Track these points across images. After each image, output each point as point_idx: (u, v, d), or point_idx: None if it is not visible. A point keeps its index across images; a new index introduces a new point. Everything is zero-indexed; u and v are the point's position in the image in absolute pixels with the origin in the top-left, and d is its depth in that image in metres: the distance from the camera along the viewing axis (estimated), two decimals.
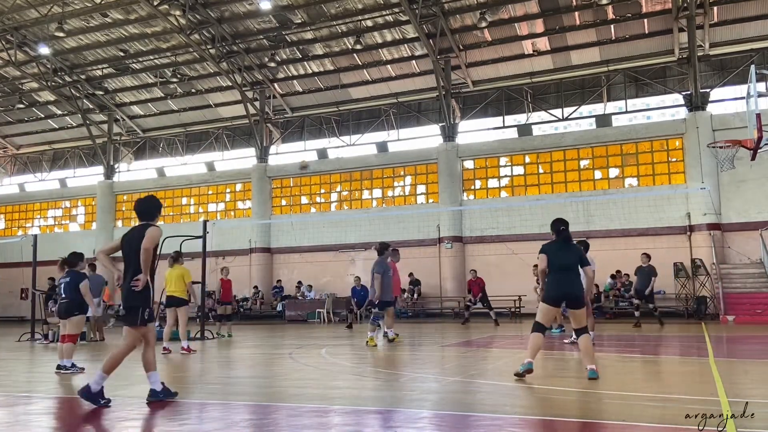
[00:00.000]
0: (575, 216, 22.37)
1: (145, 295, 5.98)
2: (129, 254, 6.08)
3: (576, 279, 7.11)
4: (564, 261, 7.11)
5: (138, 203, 6.33)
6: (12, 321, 29.10)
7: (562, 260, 7.11)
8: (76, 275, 9.08)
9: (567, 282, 7.05)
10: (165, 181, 30.70)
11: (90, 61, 28.54)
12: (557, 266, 7.08)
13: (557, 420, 5.08)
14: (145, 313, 6.00)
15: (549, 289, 7.08)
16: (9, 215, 34.86)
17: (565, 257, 7.15)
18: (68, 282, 9.01)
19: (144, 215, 6.26)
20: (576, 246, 7.39)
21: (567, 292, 7.04)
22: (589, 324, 11.16)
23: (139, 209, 6.30)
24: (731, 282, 19.28)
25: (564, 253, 7.18)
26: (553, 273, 7.08)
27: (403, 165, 26.25)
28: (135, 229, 6.19)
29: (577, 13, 22.92)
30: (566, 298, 7.07)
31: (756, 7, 21.63)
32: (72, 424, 5.51)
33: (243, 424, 5.19)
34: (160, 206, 6.41)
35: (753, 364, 8.85)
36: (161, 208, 6.46)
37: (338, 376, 8.18)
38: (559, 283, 7.04)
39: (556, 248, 7.22)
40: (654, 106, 23.96)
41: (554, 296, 7.05)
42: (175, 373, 9.00)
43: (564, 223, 7.37)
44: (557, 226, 7.35)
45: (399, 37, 24.97)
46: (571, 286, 7.05)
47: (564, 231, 7.29)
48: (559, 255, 7.14)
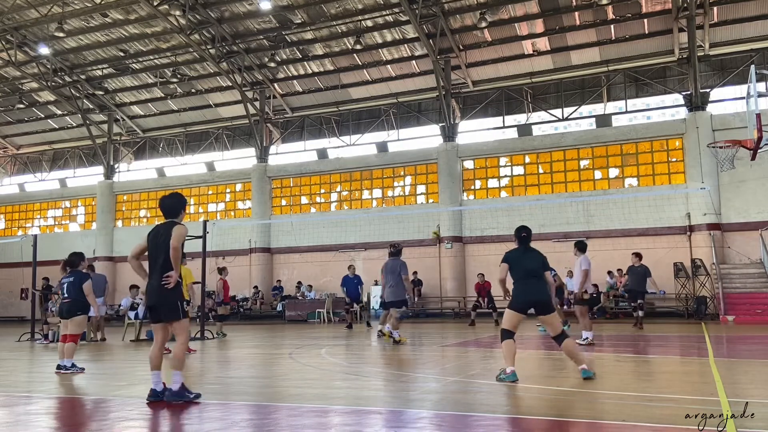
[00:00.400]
0: (575, 216, 22.40)
1: (179, 290, 6.04)
2: (155, 251, 6.09)
3: (542, 285, 7.15)
4: (528, 267, 7.16)
5: (163, 200, 6.35)
6: (12, 321, 29.10)
7: (527, 266, 7.16)
8: (80, 275, 9.05)
9: (533, 289, 7.08)
10: (165, 181, 30.70)
11: (90, 61, 28.54)
12: (522, 273, 7.13)
13: (557, 420, 5.08)
14: (183, 305, 6.08)
15: (515, 296, 7.13)
16: (9, 215, 34.87)
17: (529, 263, 7.19)
18: (71, 282, 8.99)
19: (169, 213, 6.27)
20: (538, 252, 7.40)
21: (534, 299, 7.07)
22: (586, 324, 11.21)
23: (165, 206, 6.31)
24: (731, 282, 19.29)
25: (528, 259, 7.23)
26: (519, 280, 7.14)
27: (403, 165, 26.25)
28: (160, 227, 6.19)
29: (577, 13, 22.92)
30: (533, 305, 7.10)
31: (756, 7, 21.63)
32: (72, 424, 5.51)
33: (243, 424, 5.19)
34: (185, 203, 6.43)
35: (753, 364, 8.85)
36: (186, 205, 6.47)
37: (338, 376, 8.18)
38: (525, 289, 7.09)
39: (518, 255, 7.28)
40: (654, 106, 23.96)
41: (521, 303, 7.08)
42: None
43: (525, 229, 7.41)
44: (519, 233, 7.42)
45: (399, 37, 24.97)
46: (537, 292, 7.08)
47: (525, 238, 7.35)
48: (523, 262, 7.20)
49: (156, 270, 6.03)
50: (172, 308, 6.03)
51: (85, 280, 8.99)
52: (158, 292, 5.99)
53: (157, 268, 6.03)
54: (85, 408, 6.22)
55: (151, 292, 6.06)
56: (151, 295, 6.09)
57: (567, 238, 20.50)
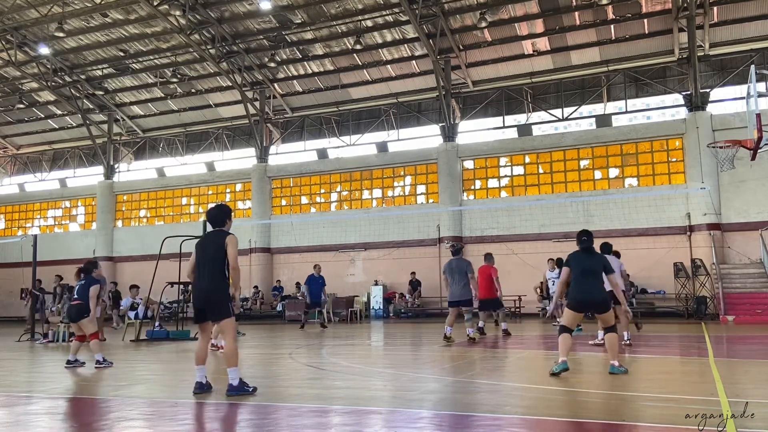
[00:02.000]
0: (575, 216, 22.39)
1: (228, 292, 6.53)
2: (203, 258, 6.57)
3: (600, 284, 7.56)
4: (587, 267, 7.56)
5: (209, 211, 6.84)
6: (12, 321, 29.10)
7: (585, 267, 7.56)
8: (90, 280, 9.90)
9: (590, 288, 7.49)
10: (165, 181, 30.71)
11: (90, 61, 28.55)
12: (579, 273, 7.54)
13: (557, 420, 5.08)
14: (231, 304, 6.52)
15: (573, 296, 7.55)
16: (9, 215, 34.86)
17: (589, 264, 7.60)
18: (83, 285, 9.86)
19: (215, 222, 6.76)
20: (599, 254, 7.92)
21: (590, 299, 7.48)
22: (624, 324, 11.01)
23: (211, 216, 6.80)
24: (731, 282, 19.29)
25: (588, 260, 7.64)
26: (575, 279, 7.55)
27: (403, 165, 26.25)
28: (209, 236, 6.75)
29: (577, 13, 22.92)
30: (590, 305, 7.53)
31: (756, 7, 21.62)
32: (72, 424, 5.51)
33: (243, 424, 5.19)
34: (229, 213, 6.88)
35: (753, 364, 8.85)
36: (231, 214, 6.92)
37: (338, 376, 8.18)
38: (582, 289, 7.50)
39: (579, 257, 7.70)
40: (654, 106, 23.96)
41: (578, 302, 7.50)
42: (175, 373, 9.01)
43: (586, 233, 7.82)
44: (580, 236, 7.84)
45: (399, 37, 24.97)
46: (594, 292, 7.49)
47: (586, 241, 7.76)
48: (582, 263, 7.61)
49: (206, 275, 6.50)
50: (223, 309, 6.47)
51: (93, 284, 9.82)
52: (210, 295, 6.47)
53: (206, 273, 6.50)
54: (85, 408, 6.22)
55: (201, 295, 6.53)
56: (200, 298, 6.54)
57: (567, 238, 20.48)
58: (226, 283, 6.52)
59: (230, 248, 6.47)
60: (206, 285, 6.48)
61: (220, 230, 6.70)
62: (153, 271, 15.44)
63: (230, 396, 6.19)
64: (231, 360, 6.44)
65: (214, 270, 6.47)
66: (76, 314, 9.64)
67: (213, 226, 6.78)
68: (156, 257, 15.52)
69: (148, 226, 30.85)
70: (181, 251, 15.84)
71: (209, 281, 6.47)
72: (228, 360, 6.47)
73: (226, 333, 6.63)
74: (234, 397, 6.17)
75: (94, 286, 9.76)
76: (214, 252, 6.51)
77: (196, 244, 6.79)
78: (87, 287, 9.74)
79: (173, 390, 7.33)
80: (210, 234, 6.79)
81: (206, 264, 6.53)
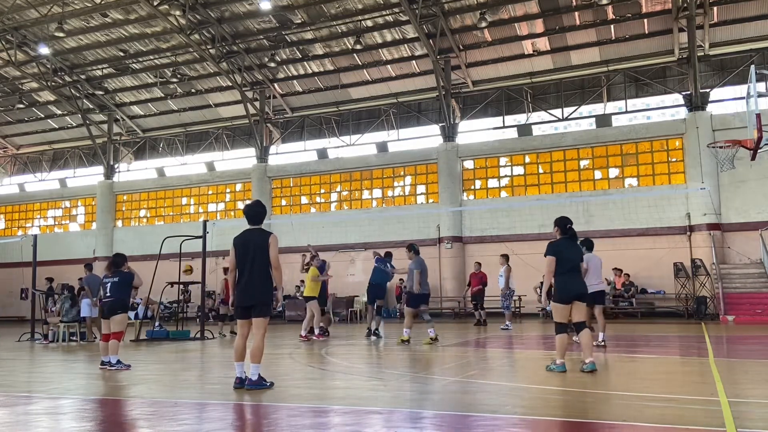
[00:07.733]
0: (575, 216, 22.15)
1: (272, 291, 6.71)
2: (244, 256, 6.64)
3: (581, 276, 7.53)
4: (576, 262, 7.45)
5: (247, 208, 6.87)
6: (12, 321, 29.09)
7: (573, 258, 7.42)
8: (124, 275, 9.42)
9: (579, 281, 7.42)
10: (165, 181, 30.71)
11: (90, 61, 28.54)
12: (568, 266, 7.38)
13: (557, 420, 5.08)
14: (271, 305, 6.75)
15: (562, 290, 7.36)
16: (9, 215, 34.87)
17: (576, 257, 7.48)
18: (115, 282, 9.31)
19: (253, 219, 6.81)
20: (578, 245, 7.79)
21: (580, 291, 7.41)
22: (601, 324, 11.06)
23: (249, 213, 6.83)
24: (731, 282, 19.29)
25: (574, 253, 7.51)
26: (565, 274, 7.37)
27: (403, 165, 26.24)
28: (250, 234, 6.77)
29: (577, 13, 22.92)
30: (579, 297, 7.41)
31: (756, 7, 21.62)
32: (71, 424, 5.51)
33: (243, 424, 5.19)
34: (265, 210, 6.99)
35: (753, 364, 8.85)
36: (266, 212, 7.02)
37: (338, 376, 8.19)
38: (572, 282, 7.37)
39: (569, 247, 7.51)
40: (654, 106, 23.95)
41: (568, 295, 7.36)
42: (176, 373, 9.01)
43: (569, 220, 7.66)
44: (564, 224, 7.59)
45: (399, 37, 24.96)
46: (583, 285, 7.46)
47: (573, 229, 7.60)
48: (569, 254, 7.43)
49: (250, 273, 6.60)
50: (265, 307, 6.69)
51: (129, 279, 9.46)
52: (257, 294, 6.61)
53: (252, 273, 6.60)
54: (85, 408, 6.22)
55: (247, 294, 6.64)
56: (245, 295, 6.64)
57: None
58: (270, 282, 6.67)
59: (272, 249, 6.59)
60: (252, 284, 6.58)
61: (260, 229, 6.78)
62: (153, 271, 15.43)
63: (249, 389, 6.43)
64: (257, 357, 6.60)
65: (259, 269, 6.59)
66: (109, 310, 9.17)
67: (251, 223, 6.80)
68: (156, 257, 15.51)
69: (148, 226, 30.85)
70: (181, 251, 15.86)
71: (255, 281, 6.58)
72: (254, 356, 6.61)
73: (258, 331, 6.71)
74: (252, 391, 6.40)
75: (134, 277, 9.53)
76: (257, 251, 6.59)
77: (236, 243, 6.75)
78: (122, 284, 9.27)
79: (173, 390, 7.32)
80: (250, 232, 6.77)
81: (250, 263, 6.60)
